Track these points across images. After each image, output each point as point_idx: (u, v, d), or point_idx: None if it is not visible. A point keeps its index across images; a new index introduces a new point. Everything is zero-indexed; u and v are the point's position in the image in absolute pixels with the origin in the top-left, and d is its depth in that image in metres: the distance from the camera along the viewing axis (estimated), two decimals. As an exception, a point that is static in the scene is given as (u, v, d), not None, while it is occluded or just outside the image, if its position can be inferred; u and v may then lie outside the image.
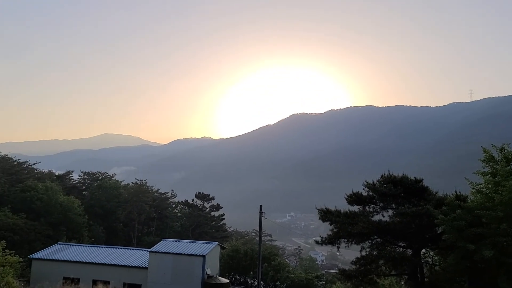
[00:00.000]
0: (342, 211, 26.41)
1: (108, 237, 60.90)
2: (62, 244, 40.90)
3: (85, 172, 76.55)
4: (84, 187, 73.21)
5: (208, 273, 33.22)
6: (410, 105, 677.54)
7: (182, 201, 73.52)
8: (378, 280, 27.33)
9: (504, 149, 21.57)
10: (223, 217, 71.70)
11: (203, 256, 32.90)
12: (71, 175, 74.46)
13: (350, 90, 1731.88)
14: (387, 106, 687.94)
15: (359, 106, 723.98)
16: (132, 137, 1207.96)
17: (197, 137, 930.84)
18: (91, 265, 35.11)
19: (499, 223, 19.68)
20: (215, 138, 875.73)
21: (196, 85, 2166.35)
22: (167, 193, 77.61)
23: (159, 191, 77.09)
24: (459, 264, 21.04)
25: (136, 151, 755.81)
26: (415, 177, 26.22)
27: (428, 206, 22.95)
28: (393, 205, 25.92)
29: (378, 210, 26.45)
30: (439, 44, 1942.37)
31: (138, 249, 40.73)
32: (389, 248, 26.35)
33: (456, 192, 23.75)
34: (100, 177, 74.29)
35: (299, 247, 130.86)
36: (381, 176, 26.87)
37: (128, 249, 40.71)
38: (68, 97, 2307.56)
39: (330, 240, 26.55)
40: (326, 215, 26.57)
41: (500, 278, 19.65)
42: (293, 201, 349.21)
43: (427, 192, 25.71)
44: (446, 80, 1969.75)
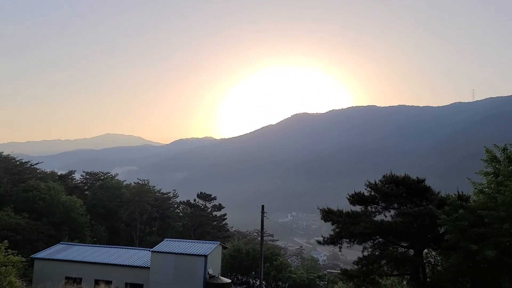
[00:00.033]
0: (344, 211, 26.40)
1: (110, 237, 61.02)
2: (64, 244, 41.04)
3: (87, 172, 76.77)
4: (86, 187, 73.38)
5: (210, 273, 33.24)
6: (412, 105, 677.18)
7: (184, 201, 73.63)
8: (380, 280, 27.30)
9: (507, 149, 21.50)
10: (225, 217, 71.77)
11: (205, 256, 32.94)
12: (73, 175, 74.71)
13: (352, 90, 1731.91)
14: (389, 106, 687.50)
15: (361, 106, 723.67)
16: (134, 137, 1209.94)
17: (199, 137, 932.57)
18: (93, 265, 35.20)
19: (502, 223, 19.63)
20: (217, 138, 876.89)
21: (198, 85, 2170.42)
22: (169, 193, 77.74)
23: (161, 191, 77.28)
24: (461, 264, 21.01)
25: (138, 151, 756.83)
26: (417, 177, 26.19)
27: (431, 206, 22.92)
28: (395, 205, 25.90)
29: (380, 210, 26.43)
30: (441, 44, 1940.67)
31: (140, 249, 40.79)
32: (391, 248, 26.33)
33: (458, 192, 23.72)
34: (102, 177, 74.45)
35: (301, 247, 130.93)
36: (383, 176, 26.85)
37: (130, 249, 40.79)
38: (70, 97, 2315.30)
39: (332, 240, 26.54)
40: (328, 215, 26.56)
41: (503, 278, 19.62)
42: (295, 201, 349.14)
43: (429, 192, 25.67)
44: (448, 80, 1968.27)
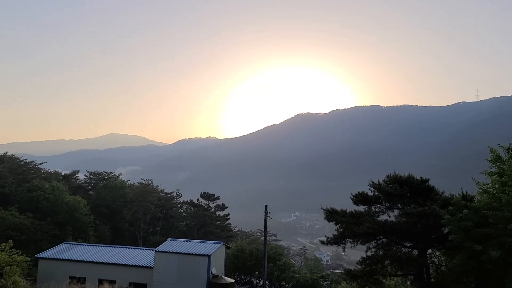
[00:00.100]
0: (347, 211, 26.34)
1: (114, 237, 61.14)
2: (68, 243, 41.13)
3: (91, 172, 76.93)
4: (90, 187, 73.55)
5: (213, 273, 33.26)
6: (415, 105, 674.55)
7: (187, 201, 73.72)
8: (384, 281, 27.24)
9: (511, 149, 21.39)
10: (228, 217, 71.77)
11: (209, 256, 32.93)
12: (77, 175, 74.84)
13: (355, 90, 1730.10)
14: (393, 106, 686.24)
15: (364, 106, 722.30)
16: (138, 137, 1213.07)
17: (202, 137, 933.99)
18: (97, 265, 35.27)
19: (506, 223, 19.52)
20: (220, 138, 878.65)
21: (202, 85, 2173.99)
22: (173, 193, 77.87)
23: (165, 191, 77.38)
24: (465, 265, 20.93)
25: (142, 151, 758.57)
26: (421, 177, 26.10)
27: (435, 206, 22.83)
28: (399, 205, 25.82)
29: (384, 210, 26.36)
30: (445, 43, 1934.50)
31: (143, 249, 40.85)
32: (395, 248, 26.27)
33: (462, 192, 23.60)
34: (106, 177, 74.63)
35: (304, 247, 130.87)
36: (387, 176, 26.76)
37: (133, 248, 40.85)
38: (74, 98, 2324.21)
39: (336, 240, 26.50)
40: (331, 215, 26.52)
41: (508, 279, 19.52)
42: (298, 201, 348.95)
43: (433, 192, 25.58)
44: (452, 80, 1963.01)
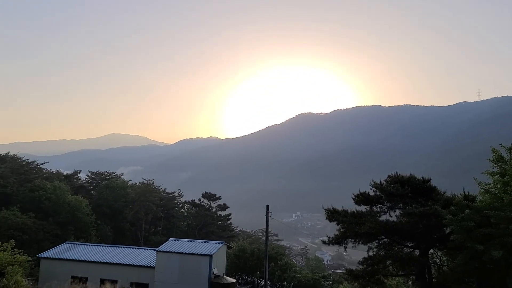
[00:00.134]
0: (349, 211, 26.36)
1: (116, 237, 61.23)
2: (70, 243, 41.20)
3: (93, 172, 77.01)
4: (91, 187, 73.64)
5: (215, 273, 33.28)
6: (417, 105, 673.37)
7: (188, 201, 73.76)
8: (386, 281, 27.25)
9: (513, 149, 21.36)
10: (229, 217, 71.81)
11: (210, 256, 32.96)
12: (79, 175, 74.99)
13: (356, 90, 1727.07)
14: (394, 106, 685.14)
15: (366, 106, 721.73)
16: (139, 137, 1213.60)
17: (203, 137, 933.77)
18: (99, 264, 35.32)
19: (508, 223, 19.51)
20: (221, 138, 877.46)
21: (203, 85, 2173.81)
22: (174, 192, 77.91)
23: (166, 191, 77.43)
24: (467, 265, 20.92)
25: (143, 151, 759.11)
26: (422, 177, 26.09)
27: (436, 206, 22.83)
28: (401, 205, 25.82)
29: (386, 210, 26.36)
30: (447, 43, 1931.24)
31: (145, 249, 40.90)
32: (396, 248, 26.27)
33: (464, 192, 23.60)
34: (108, 177, 74.70)
35: (305, 247, 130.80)
36: (389, 176, 26.78)
37: (135, 248, 40.89)
38: (75, 98, 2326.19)
39: (337, 240, 26.51)
40: (333, 215, 26.54)
41: (509, 279, 19.51)
42: (300, 201, 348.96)
43: (435, 192, 25.57)
44: (453, 80, 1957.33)
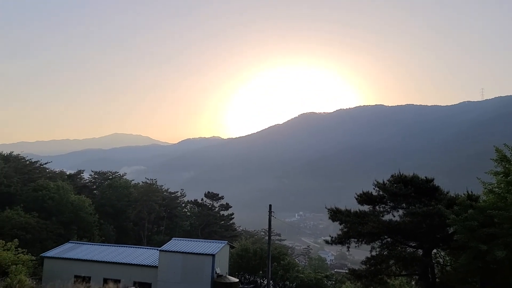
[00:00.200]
0: (352, 211, 26.33)
1: (119, 236, 61.37)
2: (73, 242, 41.31)
3: (96, 172, 77.24)
4: (94, 187, 73.85)
5: (217, 272, 33.30)
6: (420, 104, 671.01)
7: (191, 201, 73.84)
8: (389, 280, 27.20)
9: (517, 148, 21.26)
10: (232, 216, 71.87)
11: (213, 255, 32.98)
12: (82, 174, 75.15)
13: (359, 89, 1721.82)
14: (397, 105, 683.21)
15: (369, 106, 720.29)
16: (142, 136, 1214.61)
17: (206, 137, 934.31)
18: (102, 264, 35.40)
19: (512, 223, 19.46)
20: (224, 138, 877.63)
21: (206, 84, 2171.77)
22: (177, 192, 78.02)
23: (169, 191, 77.57)
24: (471, 265, 20.86)
25: (146, 151, 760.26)
26: (425, 177, 26.04)
27: (439, 206, 22.77)
28: (404, 205, 25.78)
29: (389, 209, 26.33)
30: (450, 42, 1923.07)
31: (148, 248, 40.99)
32: (399, 248, 26.23)
33: (468, 192, 23.51)
34: (111, 177, 74.87)
35: (308, 246, 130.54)
36: (392, 176, 26.72)
37: (138, 248, 40.97)
38: (78, 97, 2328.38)
39: (340, 240, 26.48)
40: (336, 214, 26.51)
41: (513, 279, 19.45)
42: (302, 201, 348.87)
43: (438, 192, 25.51)
44: (456, 79, 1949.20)
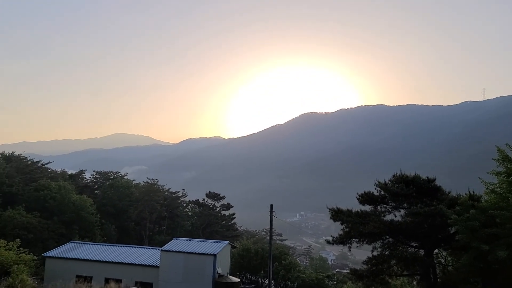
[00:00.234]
0: (353, 211, 26.31)
1: (120, 236, 61.42)
2: (75, 242, 41.35)
3: (97, 172, 77.31)
4: (96, 186, 73.92)
5: (219, 272, 33.31)
6: (421, 104, 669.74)
7: (193, 200, 73.87)
8: (390, 280, 27.17)
9: (519, 148, 21.20)
10: (233, 216, 71.87)
11: (214, 255, 32.98)
12: (83, 174, 75.27)
13: (360, 89, 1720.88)
14: (398, 105, 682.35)
15: (370, 105, 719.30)
16: (144, 136, 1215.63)
17: (207, 137, 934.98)
18: (104, 264, 35.42)
19: (514, 223, 19.40)
20: (225, 138, 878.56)
21: (207, 84, 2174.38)
22: (178, 192, 78.05)
23: (170, 190, 77.59)
24: (472, 265, 20.83)
25: (147, 151, 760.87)
26: (427, 177, 26.00)
27: (441, 206, 22.74)
28: (405, 205, 25.75)
29: (390, 209, 26.30)
30: (451, 42, 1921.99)
31: (149, 248, 40.99)
32: (401, 248, 26.20)
33: (469, 192, 23.47)
34: (112, 177, 74.95)
35: (309, 246, 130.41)
36: (393, 176, 26.69)
37: (139, 247, 40.99)
38: (80, 97, 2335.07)
39: (342, 240, 26.46)
40: (337, 214, 26.49)
41: (515, 279, 19.40)
42: (303, 201, 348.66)
43: (440, 192, 25.48)
44: (458, 79, 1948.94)
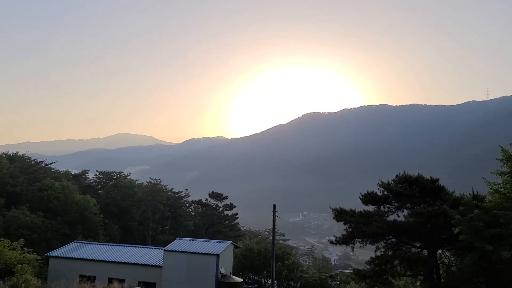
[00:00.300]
0: (356, 211, 26.27)
1: (123, 236, 61.58)
2: (78, 242, 41.48)
3: (101, 172, 77.50)
4: (99, 186, 74.08)
5: (222, 272, 33.33)
6: (424, 104, 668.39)
7: (195, 200, 73.93)
8: (393, 281, 27.14)
9: (523, 148, 21.17)
10: (236, 216, 71.86)
11: (217, 255, 33.00)
12: (86, 174, 75.49)
13: (363, 89, 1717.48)
14: (401, 105, 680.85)
15: (373, 105, 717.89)
16: (146, 136, 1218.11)
17: (210, 137, 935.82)
18: (107, 263, 35.51)
19: (518, 223, 19.34)
20: (228, 138, 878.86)
21: (209, 84, 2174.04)
22: (181, 192, 78.20)
23: (173, 190, 77.77)
24: (476, 265, 20.77)
25: (150, 151, 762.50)
26: (430, 177, 25.93)
27: (445, 206, 22.68)
28: (409, 205, 25.71)
29: (393, 210, 26.25)
30: (455, 41, 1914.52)
31: (152, 248, 41.04)
32: (404, 248, 26.17)
33: (473, 192, 23.41)
34: (115, 177, 75.11)
35: (312, 246, 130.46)
36: (396, 176, 26.65)
37: (142, 247, 41.07)
38: (83, 98, 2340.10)
39: (345, 240, 26.44)
40: (340, 214, 26.47)
41: (519, 280, 19.34)
42: (306, 201, 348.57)
43: (443, 192, 25.41)
44: (461, 79, 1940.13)
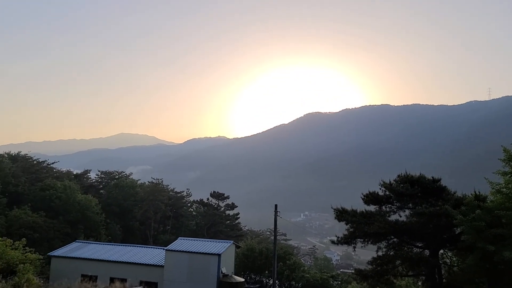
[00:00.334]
0: (358, 211, 26.27)
1: (125, 236, 61.66)
2: (80, 242, 41.57)
3: (102, 171, 77.62)
4: (101, 186, 74.23)
5: (223, 272, 33.36)
6: (426, 104, 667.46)
7: (197, 200, 73.99)
8: (395, 281, 27.13)
9: (525, 148, 21.15)
10: (238, 216, 71.91)
11: (219, 255, 33.04)
12: (88, 174, 75.58)
13: (365, 89, 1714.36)
14: (403, 105, 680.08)
15: (374, 105, 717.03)
16: (148, 136, 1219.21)
17: (212, 137, 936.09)
18: (109, 263, 35.57)
19: (520, 223, 19.31)
20: (229, 138, 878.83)
21: (211, 84, 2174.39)
22: (183, 192, 78.24)
23: (175, 190, 77.83)
24: (478, 265, 20.76)
25: (152, 151, 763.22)
26: (432, 177, 25.93)
27: (447, 206, 22.67)
28: (410, 205, 25.70)
29: (395, 210, 26.25)
30: (457, 41, 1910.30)
31: (154, 248, 41.12)
32: (406, 248, 26.15)
33: (475, 192, 23.38)
34: (117, 176, 75.23)
35: (314, 246, 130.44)
36: (398, 176, 26.65)
37: (144, 247, 41.14)
38: (85, 97, 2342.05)
39: (346, 240, 26.44)
40: (342, 214, 26.47)
41: (521, 280, 19.31)
42: (308, 200, 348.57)
43: (445, 192, 25.40)
44: (463, 78, 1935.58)
